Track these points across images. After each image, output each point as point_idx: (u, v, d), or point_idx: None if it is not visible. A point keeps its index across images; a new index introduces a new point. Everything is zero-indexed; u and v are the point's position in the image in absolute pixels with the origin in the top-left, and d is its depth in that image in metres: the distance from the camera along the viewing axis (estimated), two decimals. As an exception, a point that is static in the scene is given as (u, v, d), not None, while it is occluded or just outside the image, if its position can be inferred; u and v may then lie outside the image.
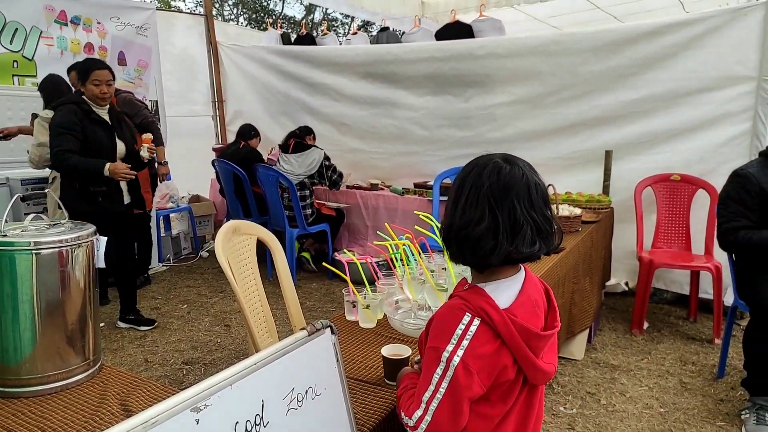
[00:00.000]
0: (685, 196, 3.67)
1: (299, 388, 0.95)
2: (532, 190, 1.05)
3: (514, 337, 1.02)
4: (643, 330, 3.41)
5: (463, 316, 1.03)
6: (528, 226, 1.03)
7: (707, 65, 3.53)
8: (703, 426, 2.39)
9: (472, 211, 1.04)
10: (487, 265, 1.07)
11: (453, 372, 1.00)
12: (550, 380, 1.13)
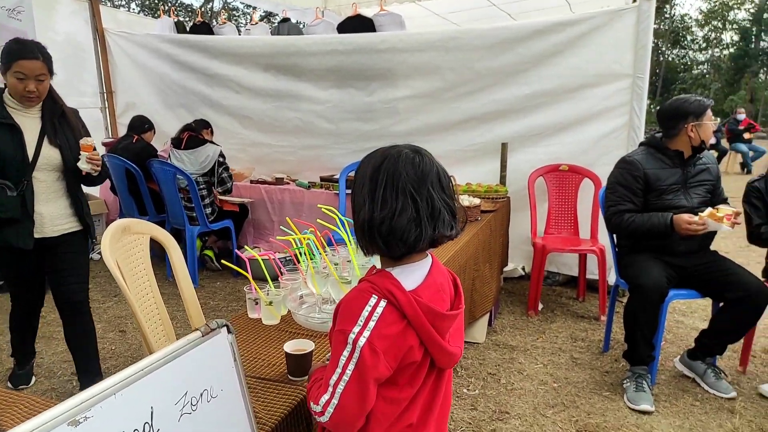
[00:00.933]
0: (573, 185, 3.95)
1: (193, 391, 0.91)
2: (442, 177, 1.11)
3: (420, 317, 1.05)
4: (538, 311, 3.63)
5: (369, 298, 1.05)
6: (445, 211, 1.09)
7: (589, 63, 3.81)
8: (591, 397, 2.60)
9: (394, 202, 1.06)
10: (411, 252, 1.10)
11: (359, 353, 1.02)
12: (456, 363, 1.18)
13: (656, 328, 2.58)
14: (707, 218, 2.47)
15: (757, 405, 2.53)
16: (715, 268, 2.64)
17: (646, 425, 2.36)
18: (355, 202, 1.12)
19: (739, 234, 5.71)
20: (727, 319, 2.61)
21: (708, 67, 30.95)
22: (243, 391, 1.02)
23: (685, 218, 2.51)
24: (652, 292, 2.53)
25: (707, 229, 2.50)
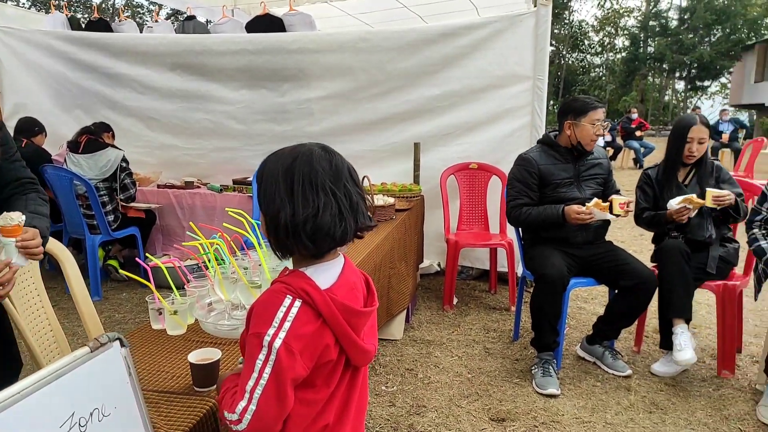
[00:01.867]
0: (482, 182, 4.11)
1: (81, 411, 0.85)
2: (352, 171, 1.13)
3: (335, 316, 1.05)
4: (453, 305, 3.75)
5: (284, 299, 1.03)
6: (361, 203, 1.11)
7: (494, 65, 3.98)
8: (503, 384, 2.71)
9: (315, 199, 1.05)
10: (339, 246, 1.11)
11: (276, 355, 1.00)
12: (371, 361, 1.19)
13: (560, 315, 2.74)
14: (593, 208, 2.67)
15: (650, 381, 2.76)
16: (610, 258, 2.84)
17: (552, 408, 2.50)
18: (269, 205, 1.09)
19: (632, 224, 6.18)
20: (621, 305, 2.82)
21: (603, 69, 33.31)
22: (140, 406, 0.98)
23: (574, 209, 2.69)
24: (555, 282, 2.68)
25: (594, 218, 2.68)
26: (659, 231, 2.95)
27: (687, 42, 27.38)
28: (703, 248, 2.78)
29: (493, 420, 2.40)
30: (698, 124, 2.76)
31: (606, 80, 31.81)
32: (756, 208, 2.59)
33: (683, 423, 2.40)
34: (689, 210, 2.68)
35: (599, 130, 2.80)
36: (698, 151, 2.78)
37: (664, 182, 2.89)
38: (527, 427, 2.35)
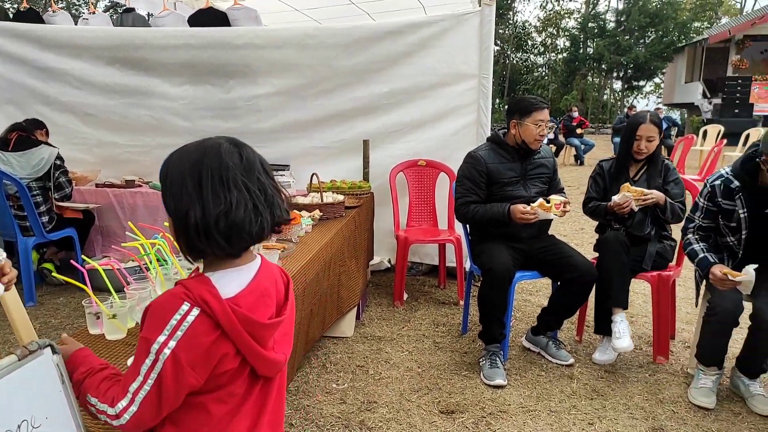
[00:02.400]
0: (431, 179, 4.16)
1: (8, 424, 0.81)
2: (265, 164, 1.10)
3: (236, 328, 1.01)
4: (403, 301, 3.78)
5: (181, 305, 0.99)
6: (277, 195, 1.08)
7: (441, 63, 4.02)
8: (452, 377, 2.76)
9: (227, 195, 1.01)
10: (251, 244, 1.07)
11: (162, 365, 0.97)
12: (280, 370, 1.16)
13: (506, 308, 2.81)
14: (537, 208, 2.76)
15: (591, 369, 2.87)
16: (553, 252, 2.93)
17: (500, 398, 2.56)
18: (177, 204, 1.03)
19: (574, 219, 6.40)
20: (563, 297, 2.92)
21: (546, 69, 34.36)
22: (74, 416, 0.93)
23: (519, 209, 2.77)
24: (501, 275, 2.75)
25: (538, 218, 2.77)
26: (601, 221, 3.07)
27: (623, 43, 28.58)
28: (641, 243, 2.92)
29: (442, 413, 2.43)
30: (647, 122, 2.87)
31: (549, 80, 32.82)
32: (690, 216, 2.73)
33: (622, 408, 2.51)
34: (630, 201, 2.79)
35: (543, 130, 2.88)
36: (647, 149, 2.88)
37: (615, 176, 3.01)
38: (475, 418, 2.40)
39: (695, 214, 2.69)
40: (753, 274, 2.31)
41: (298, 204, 3.13)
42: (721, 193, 2.56)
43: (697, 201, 2.70)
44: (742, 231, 2.54)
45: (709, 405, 2.49)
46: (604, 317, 2.95)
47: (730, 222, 2.56)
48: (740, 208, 2.52)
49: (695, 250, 2.62)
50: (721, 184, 2.57)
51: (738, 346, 2.61)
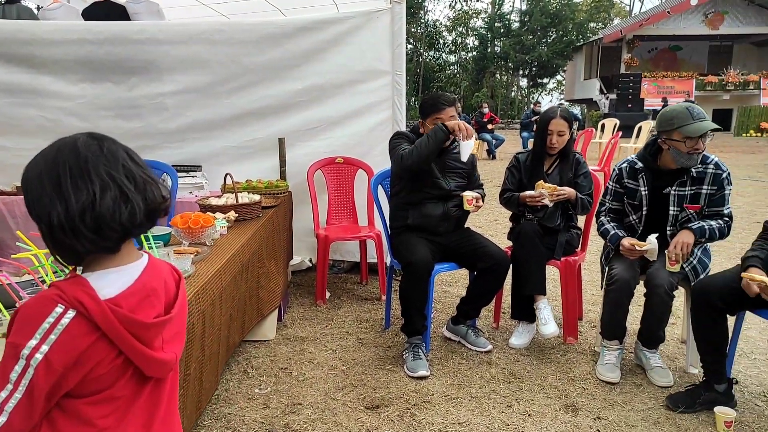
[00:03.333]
0: (349, 176, 4.16)
1: None
2: (131, 153, 1.05)
3: (116, 329, 0.97)
4: (326, 300, 3.75)
5: (54, 308, 0.93)
6: (149, 182, 1.04)
7: (354, 60, 4.03)
8: (377, 372, 2.78)
9: (89, 185, 0.95)
10: (130, 235, 1.01)
11: (33, 371, 0.92)
12: (171, 370, 1.12)
13: (427, 300, 2.87)
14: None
15: (508, 354, 3.00)
16: (469, 243, 3.03)
17: (423, 389, 2.61)
18: (39, 209, 0.96)
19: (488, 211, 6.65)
20: (480, 286, 3.03)
21: (458, 67, 35.42)
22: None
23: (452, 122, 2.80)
24: (421, 269, 2.80)
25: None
26: (515, 211, 3.21)
27: (527, 43, 30.05)
28: (552, 233, 3.08)
29: (368, 408, 2.44)
30: (557, 117, 3.02)
31: (460, 77, 33.84)
32: (602, 201, 2.93)
33: (537, 388, 2.64)
34: (543, 196, 2.94)
35: None
36: (558, 143, 3.02)
37: (531, 169, 3.14)
38: (400, 410, 2.43)
39: (606, 197, 2.90)
40: (656, 243, 2.58)
41: (211, 206, 3.01)
42: (627, 175, 2.81)
43: (607, 185, 2.92)
44: (642, 209, 2.76)
45: (614, 380, 2.68)
46: (520, 303, 3.09)
47: (634, 200, 2.79)
48: (642, 186, 2.75)
49: (607, 229, 2.82)
50: (627, 167, 2.82)
51: (639, 323, 2.82)
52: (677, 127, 2.53)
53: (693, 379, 2.70)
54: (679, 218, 2.70)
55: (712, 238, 2.64)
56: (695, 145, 2.53)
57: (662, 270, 2.58)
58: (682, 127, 2.51)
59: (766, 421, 2.36)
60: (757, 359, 2.95)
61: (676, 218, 2.70)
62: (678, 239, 2.59)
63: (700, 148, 2.54)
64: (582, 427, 2.32)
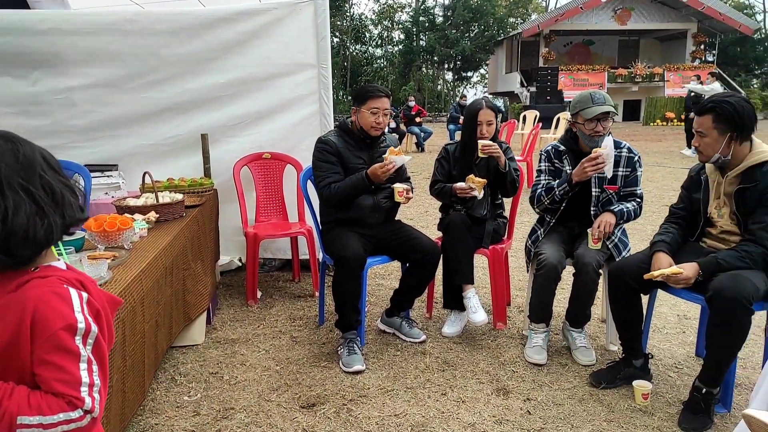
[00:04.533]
0: (277, 171, 4.07)
1: None
2: (49, 158, 0.99)
3: (105, 306, 1.07)
4: (257, 299, 3.66)
5: (69, 290, 1.00)
6: (67, 192, 0.99)
7: (278, 52, 3.93)
8: (312, 370, 2.74)
9: (2, 201, 0.90)
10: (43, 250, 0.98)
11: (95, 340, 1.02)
12: None
13: (360, 294, 2.86)
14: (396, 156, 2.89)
15: (441, 343, 3.05)
16: (400, 235, 3.05)
17: (359, 384, 2.61)
18: None
19: (419, 203, 6.72)
20: (412, 277, 3.06)
21: (384, 61, 35.60)
22: None
23: (377, 167, 2.81)
24: (353, 262, 2.78)
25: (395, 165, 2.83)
26: (446, 201, 3.26)
27: (451, 37, 30.64)
28: (479, 222, 3.15)
29: (303, 407, 2.40)
30: (485, 108, 3.09)
31: (387, 71, 34.04)
32: (537, 181, 3.03)
33: (470, 374, 2.70)
34: (473, 189, 2.99)
35: (379, 117, 2.94)
36: (488, 132, 3.10)
37: (460, 159, 3.19)
38: (337, 407, 2.41)
39: (540, 177, 3.02)
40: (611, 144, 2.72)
41: (129, 207, 2.85)
42: (553, 156, 2.98)
43: (538, 168, 3.05)
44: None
45: (541, 361, 2.78)
46: (451, 293, 3.15)
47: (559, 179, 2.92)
48: (566, 166, 2.91)
49: (541, 194, 2.93)
50: (552, 149, 2.99)
51: (563, 307, 2.95)
52: (579, 110, 2.77)
53: (613, 356, 2.85)
54: (601, 198, 2.86)
55: (629, 219, 2.86)
56: (595, 128, 2.76)
57: (589, 249, 2.73)
58: (583, 110, 2.75)
59: (677, 391, 2.54)
60: (668, 334, 3.17)
61: (598, 199, 2.86)
62: (601, 219, 2.77)
63: (600, 131, 2.76)
64: (513, 409, 2.40)
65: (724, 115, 2.23)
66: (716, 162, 2.32)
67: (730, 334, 2.14)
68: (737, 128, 2.23)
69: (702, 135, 2.30)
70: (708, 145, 2.29)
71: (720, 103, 2.25)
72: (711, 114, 2.26)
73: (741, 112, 2.23)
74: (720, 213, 2.39)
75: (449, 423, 2.30)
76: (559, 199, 2.87)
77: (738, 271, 2.17)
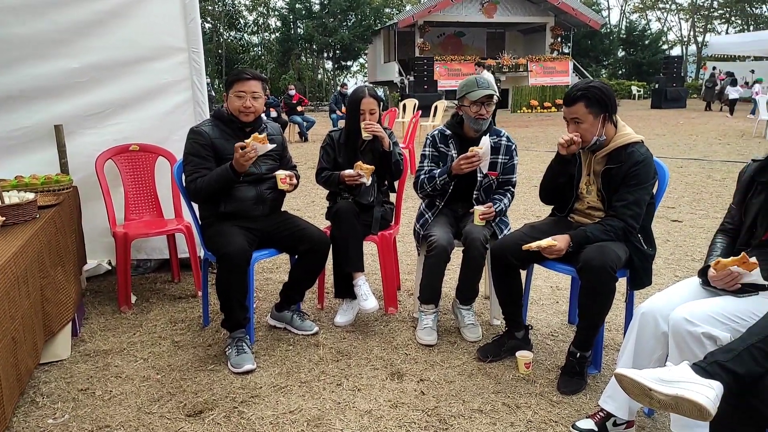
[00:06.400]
0: (148, 164, 3.75)
1: None
2: None
3: None
4: (131, 305, 3.36)
5: None
6: None
7: (142, 35, 3.60)
8: (197, 375, 2.57)
9: None
10: None
11: None
12: None
13: (247, 290, 2.73)
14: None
15: (335, 333, 3.01)
16: (287, 227, 2.94)
17: (251, 384, 2.49)
18: None
19: (305, 193, 6.61)
20: (302, 269, 2.98)
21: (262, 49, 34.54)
22: None
23: (239, 151, 2.62)
24: (238, 258, 2.64)
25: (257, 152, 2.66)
26: (333, 189, 3.21)
27: (330, 25, 30.47)
28: (367, 209, 3.14)
29: (189, 416, 2.24)
30: (367, 96, 3.07)
31: (266, 59, 33.07)
32: (420, 167, 3.08)
33: (364, 362, 2.69)
34: (362, 176, 2.96)
35: (246, 101, 2.79)
36: (372, 121, 3.07)
37: (345, 146, 3.16)
38: (227, 410, 2.28)
39: (423, 163, 3.08)
40: (488, 143, 2.81)
41: (-33, 210, 2.46)
42: (439, 140, 3.06)
43: (423, 153, 3.10)
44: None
45: (432, 342, 2.85)
46: (342, 281, 3.11)
47: (445, 164, 2.99)
48: (452, 150, 3.00)
49: (424, 180, 3.00)
50: (438, 134, 3.07)
51: (451, 288, 3.04)
52: (466, 93, 2.89)
53: (497, 330, 3.00)
54: (483, 183, 2.98)
55: (505, 211, 3.05)
56: (479, 111, 2.89)
57: (475, 226, 2.85)
58: (469, 93, 2.88)
59: (555, 357, 2.73)
60: (544, 305, 3.40)
61: (480, 183, 2.98)
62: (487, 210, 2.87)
63: (483, 114, 2.91)
64: (407, 392, 2.43)
65: (594, 99, 2.40)
66: (594, 145, 2.48)
67: (599, 300, 2.34)
68: (608, 108, 2.42)
69: (578, 122, 2.44)
70: (586, 131, 2.44)
71: (588, 89, 2.42)
72: (582, 101, 2.42)
73: (608, 93, 2.43)
74: (588, 190, 2.59)
75: (346, 413, 2.27)
76: (440, 188, 2.95)
77: (603, 243, 2.37)
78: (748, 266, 1.82)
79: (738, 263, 1.83)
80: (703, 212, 5.58)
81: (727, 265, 1.85)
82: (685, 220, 5.29)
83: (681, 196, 6.31)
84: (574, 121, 2.45)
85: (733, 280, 1.87)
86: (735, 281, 1.87)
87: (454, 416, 2.24)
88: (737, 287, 1.88)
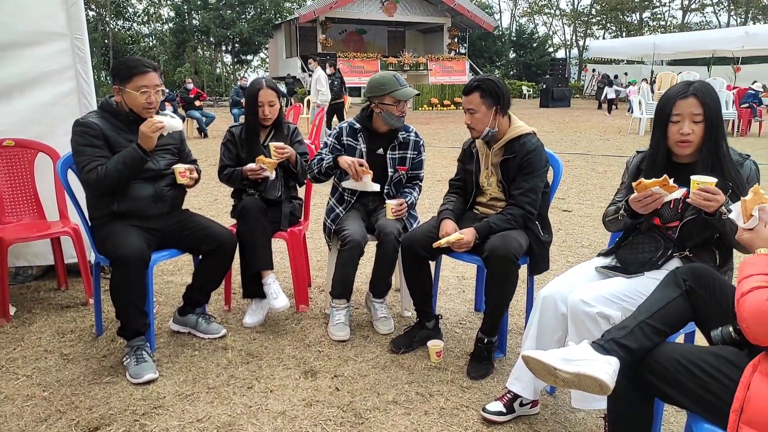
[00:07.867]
0: (26, 162, 3.39)
1: None
2: None
3: None
4: (9, 317, 3.03)
5: None
6: None
7: (15, 17, 3.25)
8: (91, 389, 2.35)
9: None
10: None
11: None
12: None
13: (146, 295, 2.55)
14: None
15: (243, 335, 2.90)
16: (189, 226, 2.78)
17: (153, 394, 2.33)
18: None
19: (207, 191, 6.33)
20: (207, 269, 2.83)
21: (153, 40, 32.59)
22: None
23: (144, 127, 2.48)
24: (135, 261, 2.45)
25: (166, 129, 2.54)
26: (237, 186, 3.09)
27: (228, 17, 29.40)
28: (275, 205, 3.05)
29: (85, 434, 2.06)
30: (264, 88, 2.97)
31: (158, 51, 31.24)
32: (318, 153, 3.03)
33: (276, 362, 2.62)
34: (264, 169, 2.87)
35: (150, 97, 2.60)
36: (271, 113, 3.00)
37: (246, 141, 3.05)
38: (126, 425, 2.11)
39: (322, 150, 3.03)
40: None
41: None
42: (347, 133, 3.01)
43: (325, 141, 3.05)
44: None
45: (345, 337, 2.84)
46: (250, 281, 3.00)
47: (353, 156, 2.95)
48: (361, 144, 2.99)
49: (321, 158, 2.95)
50: (347, 127, 3.03)
51: (364, 280, 3.04)
52: (390, 91, 2.86)
53: (408, 321, 3.05)
54: (393, 178, 3.00)
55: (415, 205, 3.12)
56: (403, 108, 2.92)
57: (388, 220, 2.86)
58: (394, 92, 2.86)
59: (464, 345, 2.82)
60: (451, 294, 3.51)
61: (391, 178, 3.00)
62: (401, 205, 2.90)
63: (404, 111, 2.95)
64: (322, 389, 2.39)
65: (488, 91, 2.51)
66: (486, 135, 2.59)
67: (505, 286, 2.44)
68: (500, 101, 2.53)
69: (473, 112, 2.55)
70: (479, 120, 2.55)
71: (483, 81, 2.54)
72: (478, 91, 2.53)
73: (501, 87, 2.55)
74: (489, 182, 2.70)
75: (258, 416, 2.19)
76: (324, 171, 2.95)
77: (506, 232, 2.48)
78: (668, 188, 1.83)
79: (659, 185, 1.85)
80: (590, 203, 6.04)
81: (648, 186, 1.87)
82: (574, 210, 5.69)
83: (569, 188, 6.78)
84: (469, 112, 2.56)
85: (654, 201, 1.88)
86: (656, 203, 1.88)
87: (369, 410, 2.24)
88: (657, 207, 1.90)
